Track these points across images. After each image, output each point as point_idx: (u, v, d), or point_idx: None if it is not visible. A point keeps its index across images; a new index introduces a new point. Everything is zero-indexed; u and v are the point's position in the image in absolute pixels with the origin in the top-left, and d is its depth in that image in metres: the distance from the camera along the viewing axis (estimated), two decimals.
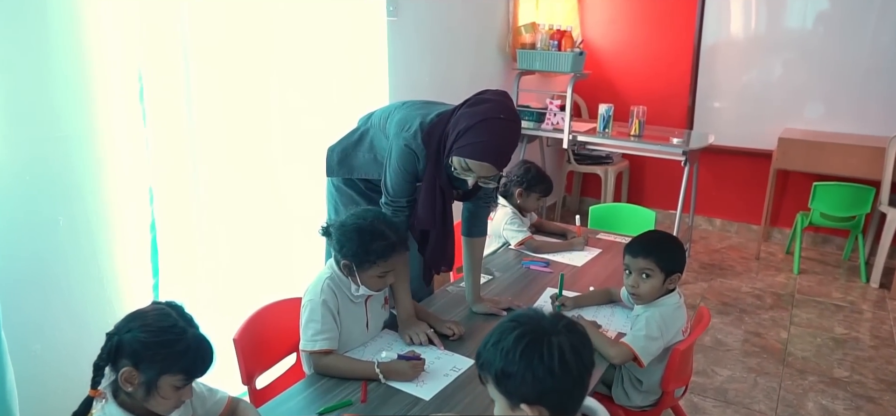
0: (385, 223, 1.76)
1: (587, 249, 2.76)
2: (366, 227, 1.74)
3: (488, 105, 1.80)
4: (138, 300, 2.06)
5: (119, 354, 1.26)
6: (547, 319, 1.09)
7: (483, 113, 1.78)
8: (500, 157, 1.79)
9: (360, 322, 1.88)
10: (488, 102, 1.82)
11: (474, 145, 1.76)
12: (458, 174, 1.83)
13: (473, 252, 2.14)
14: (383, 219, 1.78)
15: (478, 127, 1.76)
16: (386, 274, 1.79)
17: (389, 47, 3.03)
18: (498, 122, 1.77)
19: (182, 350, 1.26)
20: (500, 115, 1.78)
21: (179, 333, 1.27)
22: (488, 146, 1.75)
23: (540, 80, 4.65)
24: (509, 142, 1.81)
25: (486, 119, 1.77)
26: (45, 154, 1.76)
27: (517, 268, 2.56)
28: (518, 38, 4.23)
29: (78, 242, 1.86)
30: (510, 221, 2.77)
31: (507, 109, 1.81)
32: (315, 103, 2.56)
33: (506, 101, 1.84)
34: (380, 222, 1.76)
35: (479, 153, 1.76)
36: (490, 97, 1.85)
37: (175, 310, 1.31)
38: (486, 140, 1.75)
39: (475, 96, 1.88)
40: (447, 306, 2.19)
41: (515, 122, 1.83)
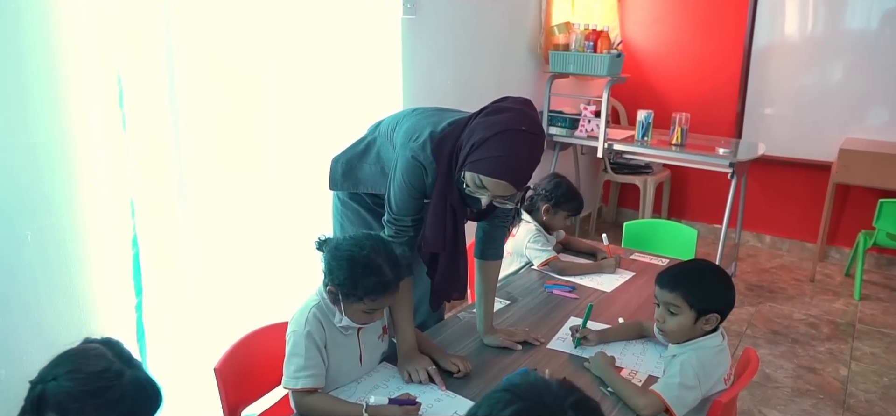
0: (384, 256, 1.55)
1: (619, 272, 2.49)
2: (360, 258, 1.53)
3: (508, 115, 1.57)
4: (120, 322, 1.90)
5: (43, 406, 1.08)
6: (551, 392, 0.84)
7: (501, 124, 1.55)
8: (519, 175, 1.55)
9: (352, 356, 1.67)
10: (508, 111, 1.59)
11: (490, 161, 1.53)
12: (470, 192, 1.61)
13: (487, 277, 1.91)
14: (383, 250, 1.56)
15: (494, 140, 1.53)
16: (373, 312, 1.58)
17: (404, 48, 2.82)
18: (518, 135, 1.54)
19: (116, 399, 1.08)
20: (520, 126, 1.54)
21: (113, 378, 1.08)
22: (505, 162, 1.52)
23: (574, 83, 4.38)
24: (530, 158, 1.58)
25: (504, 131, 1.54)
26: (11, 163, 1.61)
27: (539, 292, 2.32)
28: (551, 39, 3.97)
29: (48, 258, 1.71)
30: (534, 239, 2.52)
31: (530, 121, 1.58)
32: (317, 110, 2.36)
33: (528, 110, 1.61)
34: (377, 255, 1.54)
35: (495, 170, 1.53)
36: (510, 106, 1.62)
37: (111, 348, 1.13)
38: (502, 156, 1.53)
39: (493, 104, 1.65)
40: (456, 335, 1.96)
41: (538, 135, 1.59)
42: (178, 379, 2.02)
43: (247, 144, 2.14)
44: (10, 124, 1.59)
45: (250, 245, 2.20)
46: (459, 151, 1.60)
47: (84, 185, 1.75)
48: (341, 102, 2.47)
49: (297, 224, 2.31)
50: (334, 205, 2.07)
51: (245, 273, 2.18)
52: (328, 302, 1.60)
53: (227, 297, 2.14)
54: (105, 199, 1.80)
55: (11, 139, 1.60)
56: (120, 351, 1.16)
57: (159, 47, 1.82)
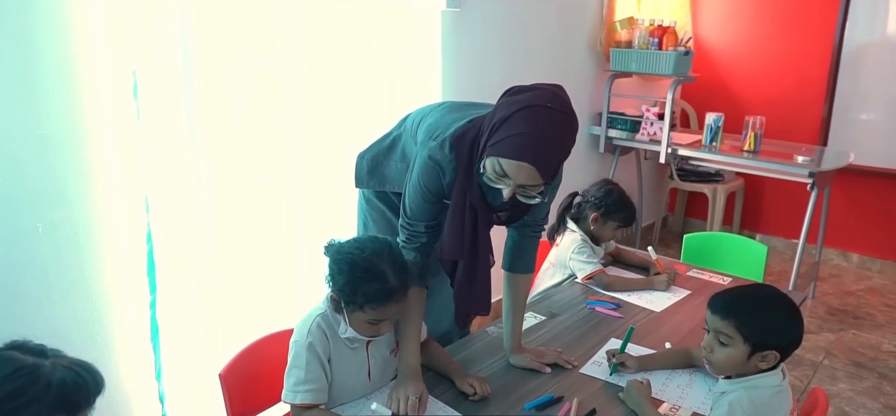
0: (388, 261, 1.41)
1: (673, 289, 2.25)
2: (361, 261, 1.40)
3: (533, 93, 1.39)
4: (134, 319, 1.85)
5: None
6: None
7: (524, 100, 1.37)
8: (543, 156, 1.34)
9: (360, 371, 1.54)
10: (534, 89, 1.41)
11: (510, 140, 1.34)
12: (491, 183, 1.42)
13: (516, 292, 1.73)
14: (388, 254, 1.42)
15: (515, 117, 1.35)
16: (379, 323, 1.44)
17: (445, 43, 2.65)
18: (543, 111, 1.34)
19: (42, 391, 0.99)
20: (546, 103, 1.35)
21: (29, 373, 1.00)
22: (527, 141, 1.32)
23: (638, 84, 4.10)
24: (557, 138, 1.36)
25: (526, 107, 1.35)
26: (22, 154, 1.58)
27: (580, 308, 2.11)
28: (612, 36, 3.72)
29: (60, 252, 1.67)
30: (578, 249, 2.32)
31: (558, 100, 1.38)
32: (345, 105, 2.25)
33: (558, 91, 1.42)
34: (380, 259, 1.41)
35: (515, 150, 1.33)
36: (538, 85, 1.44)
37: (19, 348, 1.05)
38: (524, 133, 1.33)
39: (521, 87, 1.47)
40: (481, 352, 1.80)
41: (567, 115, 1.38)
42: (192, 379, 1.96)
43: (268, 139, 2.05)
44: (21, 115, 1.56)
45: (270, 244, 2.11)
46: (480, 138, 1.44)
47: (98, 178, 1.71)
48: (373, 98, 2.34)
49: (320, 223, 2.20)
50: (359, 203, 1.95)
51: (264, 273, 2.10)
52: (333, 311, 1.48)
53: (244, 297, 2.07)
54: (119, 193, 1.76)
55: (23, 130, 1.57)
56: (29, 348, 1.08)
57: (176, 38, 1.76)
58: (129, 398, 1.87)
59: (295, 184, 2.16)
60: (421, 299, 1.60)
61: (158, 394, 1.92)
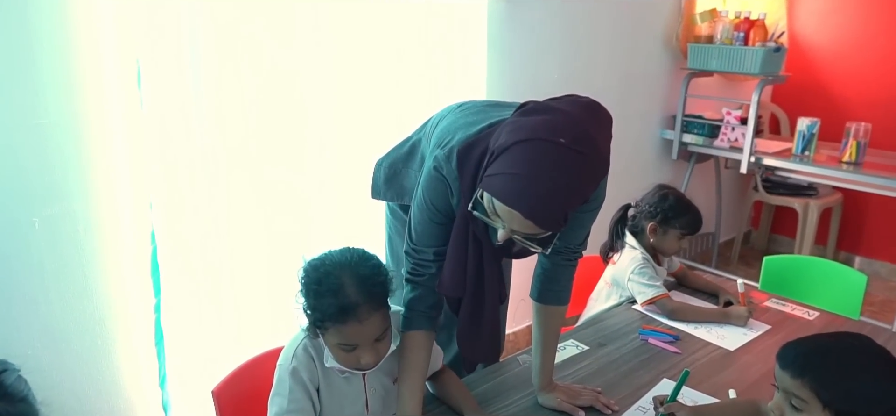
0: (351, 274, 1.19)
1: (751, 324, 1.91)
2: (322, 271, 1.20)
3: (543, 118, 1.11)
4: (138, 322, 1.74)
5: None
6: None
7: (528, 129, 1.10)
8: (540, 206, 1.07)
9: (355, 402, 1.34)
10: (550, 112, 1.13)
11: (502, 179, 1.09)
12: (487, 220, 1.18)
13: (546, 325, 1.47)
14: (355, 266, 1.21)
15: (514, 150, 1.09)
16: (352, 349, 1.22)
17: (492, 35, 2.39)
18: (547, 148, 1.06)
19: None
20: (556, 137, 1.06)
21: None
22: (521, 186, 1.06)
23: (720, 84, 3.69)
24: (563, 186, 1.07)
25: (527, 140, 1.08)
26: (19, 143, 1.48)
27: (632, 338, 1.83)
28: (691, 30, 3.35)
29: (59, 249, 1.58)
30: (639, 270, 2.03)
31: (576, 131, 1.08)
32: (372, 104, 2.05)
33: (581, 116, 1.12)
34: (343, 271, 1.19)
35: (506, 193, 1.08)
36: (558, 106, 1.15)
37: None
38: (519, 175, 1.07)
39: (540, 103, 1.21)
40: (507, 385, 1.56)
41: (583, 154, 1.08)
42: (198, 388, 1.83)
43: (286, 137, 1.89)
44: (17, 102, 1.47)
45: (284, 246, 1.94)
46: (484, 158, 1.19)
47: (99, 172, 1.60)
48: (404, 97, 2.13)
49: (341, 228, 2.02)
50: (385, 215, 1.75)
51: (277, 277, 1.93)
52: (313, 338, 1.29)
53: (256, 303, 1.91)
54: (122, 188, 1.65)
55: (19, 118, 1.47)
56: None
57: (183, 25, 1.62)
58: (133, 404, 1.77)
59: (314, 185, 1.99)
60: (422, 346, 1.34)
61: (162, 402, 1.81)
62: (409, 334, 1.34)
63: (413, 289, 1.35)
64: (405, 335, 1.34)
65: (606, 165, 1.15)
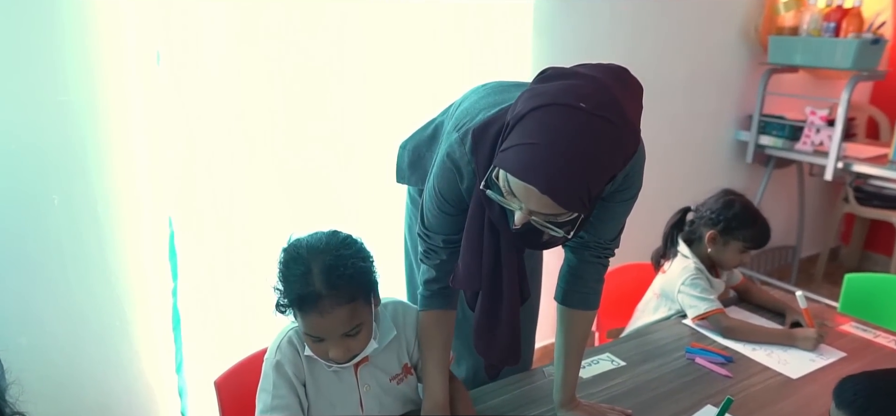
0: (320, 261, 1.09)
1: (822, 350, 1.67)
2: (293, 253, 1.12)
3: (564, 84, 0.97)
4: (156, 306, 1.72)
5: None
6: None
7: (548, 95, 0.95)
8: (559, 180, 0.92)
9: (347, 399, 1.24)
10: (572, 76, 0.99)
11: (517, 151, 0.95)
12: (502, 201, 1.04)
13: (569, 331, 1.32)
14: (327, 252, 1.11)
15: (530, 118, 0.95)
16: (321, 341, 1.13)
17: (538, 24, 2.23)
18: (568, 114, 0.92)
19: None
20: (578, 102, 0.92)
21: None
22: (537, 156, 0.93)
23: (806, 81, 3.34)
24: (587, 156, 0.93)
25: (547, 106, 0.94)
26: (40, 120, 1.49)
27: (677, 356, 1.63)
28: (774, 20, 3.04)
29: (76, 227, 1.57)
30: (691, 281, 1.82)
31: (601, 94, 0.94)
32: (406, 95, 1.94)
33: (608, 81, 0.97)
34: (314, 255, 1.10)
35: (521, 166, 0.94)
36: (580, 71, 1.00)
37: None
38: (535, 144, 0.93)
39: (561, 68, 1.06)
40: (523, 398, 1.41)
41: (609, 120, 0.93)
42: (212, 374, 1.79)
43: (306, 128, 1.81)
44: (39, 78, 1.47)
45: None
46: (500, 134, 1.06)
47: (118, 153, 1.59)
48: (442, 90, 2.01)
49: (366, 217, 1.92)
50: (406, 204, 1.65)
51: None
52: None
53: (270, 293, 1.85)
54: (141, 172, 1.63)
55: (40, 95, 1.48)
56: None
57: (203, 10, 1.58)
58: (151, 388, 1.75)
59: (339, 173, 1.90)
60: (441, 322, 1.27)
61: (178, 388, 1.78)
62: (426, 314, 1.27)
63: (427, 269, 1.27)
64: (422, 315, 1.28)
65: (636, 138, 0.99)
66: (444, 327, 1.27)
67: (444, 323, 1.27)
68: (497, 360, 1.29)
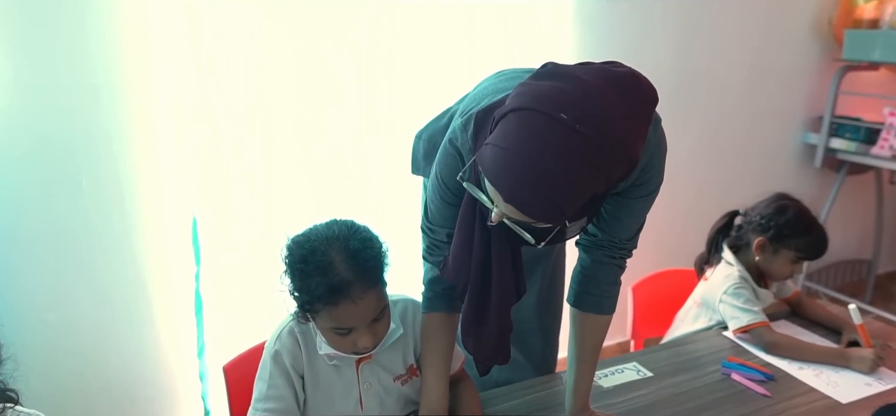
0: (341, 249, 1.06)
1: (882, 373, 1.49)
2: (307, 248, 1.07)
3: (554, 86, 0.87)
4: (179, 290, 1.75)
5: None
6: None
7: (532, 97, 0.87)
8: (524, 192, 0.85)
9: (347, 397, 1.20)
10: (564, 79, 0.88)
11: (491, 151, 0.88)
12: (477, 193, 0.97)
13: (582, 336, 1.23)
14: (346, 240, 1.07)
15: (509, 120, 0.88)
16: (347, 333, 1.09)
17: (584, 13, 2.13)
18: (546, 124, 0.83)
19: None
20: (559, 112, 0.83)
21: None
22: (506, 162, 0.86)
23: (887, 79, 3.05)
24: (555, 172, 0.83)
25: (525, 110, 0.86)
26: (70, 103, 1.53)
27: (712, 370, 1.50)
28: (850, 12, 2.79)
29: (103, 209, 1.61)
30: (734, 290, 1.68)
31: (586, 107, 0.84)
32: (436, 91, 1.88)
33: (603, 89, 0.86)
34: (331, 245, 1.06)
35: (491, 168, 0.88)
36: (577, 73, 0.89)
37: None
38: (507, 149, 0.86)
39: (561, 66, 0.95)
40: (540, 404, 1.35)
41: (589, 139, 0.83)
42: None
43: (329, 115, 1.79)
44: (70, 62, 1.51)
45: None
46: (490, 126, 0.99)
47: (145, 139, 1.62)
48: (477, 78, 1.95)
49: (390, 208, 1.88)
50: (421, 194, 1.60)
51: None
52: (302, 323, 1.16)
53: None
54: (166, 157, 1.65)
55: (72, 77, 1.52)
56: None
57: None
58: (172, 372, 1.77)
59: (364, 162, 1.86)
60: (444, 326, 1.21)
61: (199, 372, 1.80)
62: (428, 316, 1.22)
63: (430, 268, 1.22)
64: (425, 318, 1.22)
65: (627, 154, 0.88)
66: (446, 331, 1.21)
67: (446, 327, 1.21)
68: (484, 358, 1.22)
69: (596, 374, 1.44)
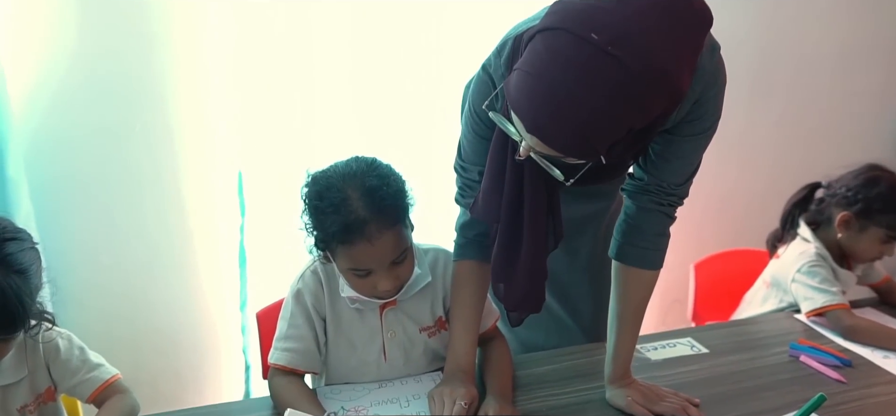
0: (358, 185, 1.00)
1: None
2: (323, 184, 1.03)
3: (590, 4, 0.77)
4: (224, 242, 1.76)
5: None
6: None
7: (562, 16, 0.78)
8: (548, 121, 0.78)
9: (370, 344, 1.16)
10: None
11: (517, 76, 0.81)
12: (503, 124, 0.90)
13: (625, 295, 1.12)
14: (363, 176, 1.02)
15: (536, 42, 0.80)
16: (366, 275, 1.03)
17: None
18: (575, 45, 0.75)
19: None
20: (589, 32, 0.74)
21: None
22: (530, 87, 0.78)
23: None
24: (582, 101, 0.76)
25: (554, 30, 0.78)
26: (128, 47, 1.56)
27: (777, 352, 1.35)
28: None
29: (154, 156, 1.64)
30: (809, 268, 1.52)
31: (622, 29, 0.74)
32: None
33: (644, 9, 0.75)
34: (348, 181, 1.01)
35: (515, 95, 0.81)
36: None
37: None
38: (531, 73, 0.78)
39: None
40: (578, 371, 1.25)
41: (623, 63, 0.73)
42: None
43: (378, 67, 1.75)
44: (126, 9, 1.54)
45: None
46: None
47: (194, 86, 1.63)
48: None
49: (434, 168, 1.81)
50: None
51: None
52: (325, 263, 1.12)
53: None
54: (214, 107, 1.66)
55: (127, 23, 1.55)
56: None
57: None
58: (215, 323, 1.79)
59: (413, 120, 1.81)
60: (475, 275, 1.13)
61: (241, 326, 1.81)
62: (459, 264, 1.15)
63: (463, 212, 1.15)
64: (455, 266, 1.15)
65: (670, 85, 0.78)
66: (477, 281, 1.14)
67: (477, 277, 1.14)
68: (514, 306, 1.13)
69: (645, 347, 1.34)
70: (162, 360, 1.74)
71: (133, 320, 1.71)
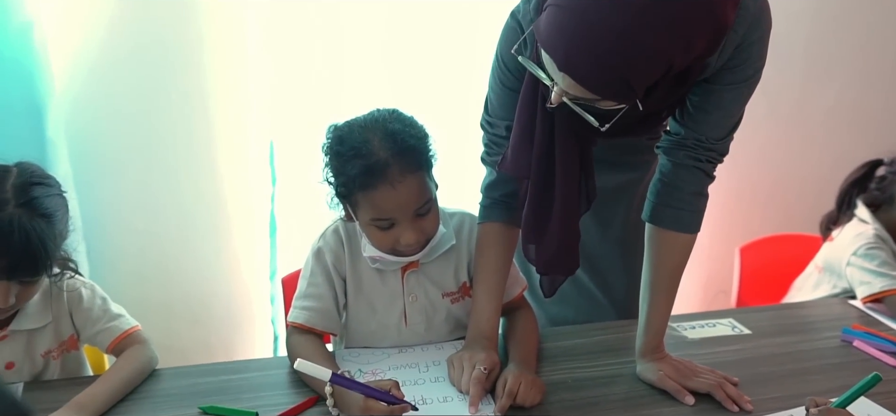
0: (380, 130, 0.98)
1: None
2: (345, 130, 1.01)
3: None
4: (256, 210, 1.76)
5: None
6: None
7: None
8: (580, 55, 0.74)
9: (390, 307, 1.12)
10: None
11: (548, 13, 0.77)
12: (534, 69, 0.85)
13: (659, 260, 1.05)
14: (385, 122, 1.00)
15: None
16: (389, 226, 1.00)
17: None
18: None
19: None
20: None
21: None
22: (561, 21, 0.75)
23: None
24: (617, 30, 0.72)
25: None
26: (165, 16, 1.57)
27: (828, 336, 1.25)
28: None
29: (188, 122, 1.64)
30: (866, 251, 1.42)
31: None
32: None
33: None
34: (367, 129, 0.99)
35: (545, 32, 0.77)
36: None
37: (18, 174, 0.95)
38: (563, 7, 0.75)
39: None
40: (607, 345, 1.19)
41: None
42: None
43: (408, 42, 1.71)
44: None
45: None
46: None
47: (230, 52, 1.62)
48: None
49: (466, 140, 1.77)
50: None
51: None
52: (346, 220, 1.09)
53: None
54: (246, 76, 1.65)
55: None
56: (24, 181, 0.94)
57: None
58: (247, 289, 1.79)
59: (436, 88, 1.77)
60: (500, 238, 1.09)
61: (270, 295, 1.81)
62: (483, 226, 1.11)
63: (489, 172, 1.11)
64: (480, 229, 1.11)
65: (712, 13, 0.73)
66: (503, 244, 1.09)
67: (503, 239, 1.09)
68: (546, 268, 1.08)
69: (681, 325, 1.26)
70: (194, 329, 1.76)
71: (166, 285, 1.72)
